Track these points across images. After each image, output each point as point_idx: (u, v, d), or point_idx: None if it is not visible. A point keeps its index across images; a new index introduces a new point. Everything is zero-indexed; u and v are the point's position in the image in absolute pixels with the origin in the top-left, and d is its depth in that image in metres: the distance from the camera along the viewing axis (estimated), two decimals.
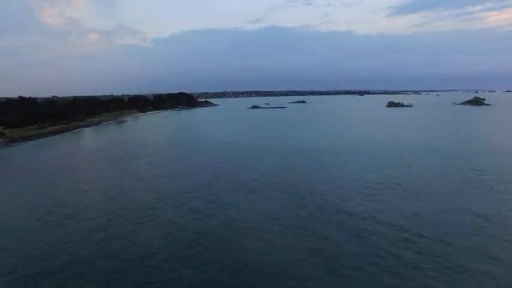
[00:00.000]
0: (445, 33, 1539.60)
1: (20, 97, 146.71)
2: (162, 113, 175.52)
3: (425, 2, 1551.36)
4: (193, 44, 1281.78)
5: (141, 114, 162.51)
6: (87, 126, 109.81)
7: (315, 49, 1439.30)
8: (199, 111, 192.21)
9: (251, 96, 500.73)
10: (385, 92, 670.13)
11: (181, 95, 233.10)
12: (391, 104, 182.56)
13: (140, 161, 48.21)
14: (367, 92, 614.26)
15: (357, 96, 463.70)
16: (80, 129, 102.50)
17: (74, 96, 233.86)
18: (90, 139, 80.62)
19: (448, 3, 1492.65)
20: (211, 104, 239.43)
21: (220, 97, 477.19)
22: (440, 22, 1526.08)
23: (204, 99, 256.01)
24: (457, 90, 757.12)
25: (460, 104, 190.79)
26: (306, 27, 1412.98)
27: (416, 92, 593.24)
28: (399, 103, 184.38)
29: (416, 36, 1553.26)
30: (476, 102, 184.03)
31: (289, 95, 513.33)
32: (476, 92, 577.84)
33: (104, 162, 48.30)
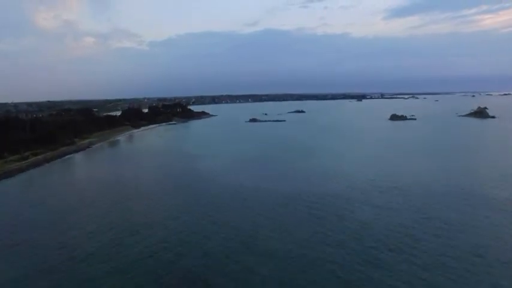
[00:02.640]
0: (441, 36, 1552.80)
1: (5, 115, 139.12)
2: (157, 128, 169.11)
3: (422, 5, 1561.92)
4: (189, 47, 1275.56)
5: (135, 130, 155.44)
6: (76, 151, 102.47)
7: (311, 52, 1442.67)
8: (195, 125, 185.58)
9: (248, 101, 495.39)
10: (382, 95, 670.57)
11: (176, 105, 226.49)
12: (394, 117, 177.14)
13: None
14: (364, 96, 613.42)
15: (354, 102, 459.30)
16: (68, 156, 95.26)
17: (67, 108, 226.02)
18: (78, 175, 73.41)
19: (444, 6, 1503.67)
20: (207, 115, 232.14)
21: (217, 102, 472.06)
22: (436, 25, 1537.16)
23: (200, 110, 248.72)
24: (454, 93, 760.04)
25: (464, 115, 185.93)
26: (302, 30, 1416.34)
27: (413, 96, 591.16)
28: (402, 116, 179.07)
29: (412, 39, 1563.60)
30: (481, 114, 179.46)
31: (287, 100, 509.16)
32: (473, 95, 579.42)
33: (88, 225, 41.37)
